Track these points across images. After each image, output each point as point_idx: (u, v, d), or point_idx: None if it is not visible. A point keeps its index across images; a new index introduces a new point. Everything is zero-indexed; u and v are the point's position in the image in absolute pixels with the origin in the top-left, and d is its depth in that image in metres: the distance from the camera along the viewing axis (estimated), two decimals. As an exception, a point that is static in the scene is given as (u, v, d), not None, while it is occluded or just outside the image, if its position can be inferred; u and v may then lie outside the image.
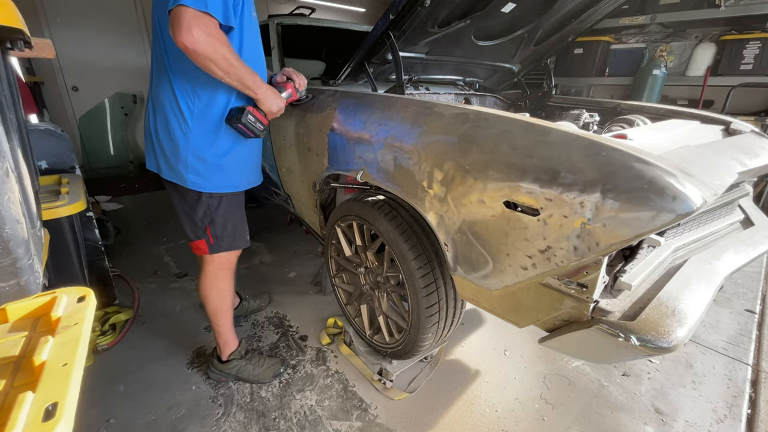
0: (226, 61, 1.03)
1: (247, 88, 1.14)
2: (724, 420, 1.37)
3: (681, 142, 1.13)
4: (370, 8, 6.74)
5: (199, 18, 0.95)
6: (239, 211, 1.37)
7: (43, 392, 0.38)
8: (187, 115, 1.15)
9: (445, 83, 2.23)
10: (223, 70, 1.05)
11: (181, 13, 0.94)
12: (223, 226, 1.31)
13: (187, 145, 1.17)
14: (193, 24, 0.94)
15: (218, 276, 1.38)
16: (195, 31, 0.95)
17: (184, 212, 1.30)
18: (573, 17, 1.89)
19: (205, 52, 0.98)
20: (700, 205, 0.70)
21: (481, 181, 0.96)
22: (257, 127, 1.21)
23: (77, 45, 4.24)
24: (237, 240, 1.37)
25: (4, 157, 0.66)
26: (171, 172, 1.23)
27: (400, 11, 1.31)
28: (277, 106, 1.25)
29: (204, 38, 0.96)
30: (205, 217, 1.29)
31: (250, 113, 1.19)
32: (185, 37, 0.94)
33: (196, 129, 1.17)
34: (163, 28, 1.09)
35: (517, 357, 1.66)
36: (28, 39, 0.91)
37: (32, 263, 0.74)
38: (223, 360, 1.46)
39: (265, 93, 1.20)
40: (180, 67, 1.12)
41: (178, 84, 1.14)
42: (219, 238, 1.32)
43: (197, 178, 1.22)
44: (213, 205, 1.28)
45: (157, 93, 1.18)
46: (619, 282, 0.89)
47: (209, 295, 1.39)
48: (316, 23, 2.25)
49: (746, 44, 3.24)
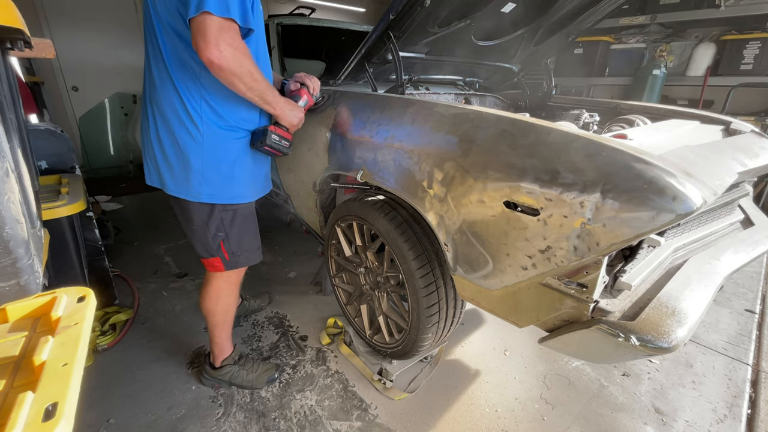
0: (251, 76, 0.99)
1: (266, 103, 1.09)
2: (724, 420, 1.37)
3: (681, 142, 1.13)
4: (370, 8, 6.74)
5: (224, 30, 0.89)
6: (254, 222, 1.31)
7: (43, 392, 0.38)
8: (198, 121, 1.07)
9: (445, 83, 2.23)
10: (246, 86, 1.00)
11: (207, 25, 0.87)
12: (239, 241, 1.25)
13: (201, 153, 1.09)
14: (220, 38, 0.88)
15: (225, 291, 1.34)
16: (222, 46, 0.89)
17: (195, 229, 1.21)
18: (573, 17, 1.88)
19: (231, 68, 0.93)
20: (700, 205, 0.70)
21: (481, 181, 0.96)
22: (283, 145, 1.17)
23: (77, 45, 4.24)
24: (253, 254, 1.31)
25: (4, 157, 0.66)
26: (180, 187, 1.14)
27: (400, 11, 1.31)
28: (297, 117, 1.20)
29: (231, 53, 0.91)
30: (219, 232, 1.21)
31: (273, 133, 1.13)
32: (212, 52, 0.89)
33: (210, 135, 1.09)
34: (163, 30, 1.01)
35: (517, 357, 1.66)
36: (28, 39, 0.91)
37: (32, 263, 0.74)
38: (215, 366, 1.44)
39: (284, 107, 1.15)
40: (182, 71, 1.04)
41: (183, 89, 1.05)
42: (234, 254, 1.25)
43: (212, 189, 1.14)
44: (227, 219, 1.21)
45: (158, 100, 1.09)
46: (619, 282, 0.89)
47: (215, 310, 1.34)
48: (316, 23, 2.25)
49: (746, 44, 3.24)
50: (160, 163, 1.14)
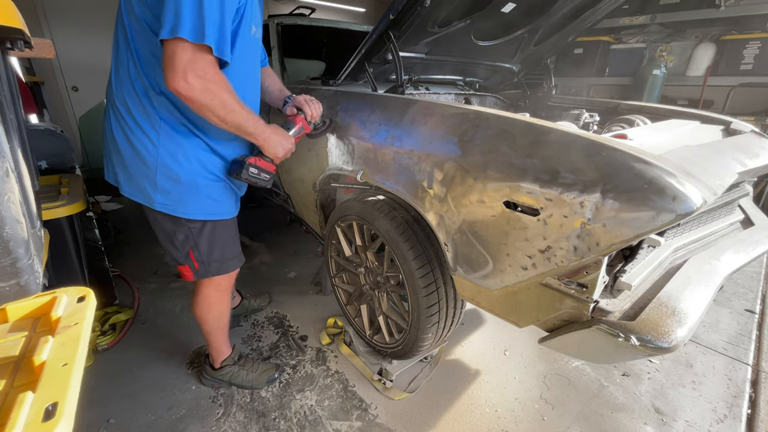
0: (225, 108, 0.92)
1: (246, 135, 1.02)
2: (724, 420, 1.37)
3: (681, 142, 1.13)
4: (370, 8, 6.74)
5: (196, 61, 0.83)
6: (228, 230, 1.18)
7: (43, 392, 0.38)
8: (156, 119, 0.98)
9: (445, 83, 2.23)
10: (219, 118, 0.93)
11: (178, 54, 0.81)
12: (209, 251, 1.15)
13: (156, 156, 1.00)
14: (189, 69, 0.82)
15: (216, 298, 1.28)
16: (191, 78, 0.83)
17: (162, 235, 1.13)
18: (573, 17, 1.88)
19: (200, 101, 0.87)
20: (700, 205, 0.70)
21: (481, 181, 0.96)
22: (262, 178, 1.08)
23: (77, 45, 4.24)
24: (227, 263, 1.21)
25: (4, 157, 0.66)
26: (133, 190, 1.05)
27: (400, 11, 1.31)
28: (284, 149, 1.12)
29: (200, 85, 0.85)
30: (187, 241, 1.12)
31: (251, 166, 1.05)
32: (179, 84, 0.83)
33: (168, 140, 0.99)
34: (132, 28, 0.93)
35: (517, 357, 1.66)
36: (28, 39, 0.91)
37: (32, 263, 0.74)
38: (215, 367, 1.43)
39: (269, 138, 1.06)
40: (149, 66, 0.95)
41: (146, 80, 0.96)
42: (205, 263, 1.16)
43: (166, 199, 1.03)
44: (195, 228, 1.11)
45: (118, 93, 1.01)
46: (619, 282, 0.89)
47: (206, 318, 1.30)
48: (316, 23, 2.25)
49: (746, 44, 3.25)
50: (114, 159, 1.06)
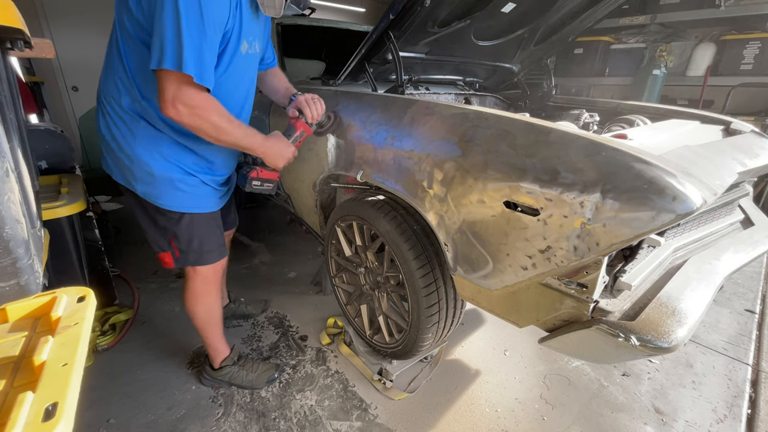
0: (217, 130, 0.98)
1: (244, 149, 1.07)
2: (724, 420, 1.37)
3: (681, 142, 1.13)
4: (370, 8, 6.73)
5: (182, 89, 0.89)
6: (207, 226, 1.20)
7: (43, 392, 0.38)
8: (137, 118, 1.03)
9: (445, 83, 2.23)
10: (213, 138, 0.99)
11: (165, 84, 0.88)
12: (188, 242, 1.17)
13: (134, 150, 1.04)
14: (177, 98, 0.90)
15: (203, 291, 1.30)
16: (179, 106, 0.91)
17: (144, 221, 1.17)
18: (573, 17, 1.89)
19: (191, 125, 0.95)
20: (700, 205, 0.70)
21: (481, 181, 0.96)
22: (265, 188, 1.13)
23: (77, 45, 4.24)
24: (206, 255, 1.22)
25: (4, 157, 0.66)
26: (119, 177, 1.10)
27: (400, 11, 1.31)
28: (284, 159, 1.16)
29: (187, 112, 0.92)
30: (167, 230, 1.15)
31: (254, 179, 1.09)
32: (169, 111, 0.91)
33: (144, 134, 1.04)
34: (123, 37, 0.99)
35: (517, 357, 1.66)
36: (28, 39, 0.91)
37: (32, 263, 0.74)
38: (215, 367, 1.43)
39: (267, 150, 1.10)
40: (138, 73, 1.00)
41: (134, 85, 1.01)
42: (185, 252, 1.19)
43: (146, 188, 1.07)
44: (174, 218, 1.13)
45: (106, 90, 1.06)
46: (619, 282, 0.89)
47: (195, 311, 1.32)
48: (316, 23, 2.25)
49: (746, 44, 3.24)
50: (103, 148, 1.10)
